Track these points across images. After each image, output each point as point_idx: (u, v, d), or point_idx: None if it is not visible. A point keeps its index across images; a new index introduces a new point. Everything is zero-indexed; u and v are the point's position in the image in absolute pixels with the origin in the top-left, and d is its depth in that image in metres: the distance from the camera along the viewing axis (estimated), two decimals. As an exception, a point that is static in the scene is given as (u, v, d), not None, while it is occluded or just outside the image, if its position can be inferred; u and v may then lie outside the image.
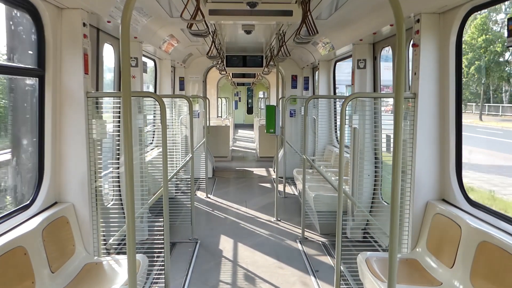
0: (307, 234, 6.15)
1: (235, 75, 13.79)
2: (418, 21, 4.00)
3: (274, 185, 8.44)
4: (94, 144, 4.02)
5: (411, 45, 4.22)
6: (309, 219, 6.51)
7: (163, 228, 3.58)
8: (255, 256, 5.39)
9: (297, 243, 5.88)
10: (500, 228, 3.20)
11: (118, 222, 4.32)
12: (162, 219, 3.57)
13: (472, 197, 3.80)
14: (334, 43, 6.94)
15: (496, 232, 3.13)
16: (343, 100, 3.90)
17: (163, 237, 3.59)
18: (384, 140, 4.95)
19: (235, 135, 21.31)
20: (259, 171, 11.47)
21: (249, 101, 30.46)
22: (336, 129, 8.60)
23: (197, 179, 9.33)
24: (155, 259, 4.68)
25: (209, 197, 8.47)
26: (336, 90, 9.08)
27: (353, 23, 5.66)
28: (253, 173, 11.32)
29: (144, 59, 6.73)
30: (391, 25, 4.72)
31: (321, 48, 7.72)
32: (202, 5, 3.97)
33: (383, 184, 5.68)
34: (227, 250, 5.63)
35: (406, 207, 4.12)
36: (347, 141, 5.95)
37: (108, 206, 4.98)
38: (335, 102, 8.53)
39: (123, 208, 5.17)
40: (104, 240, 4.21)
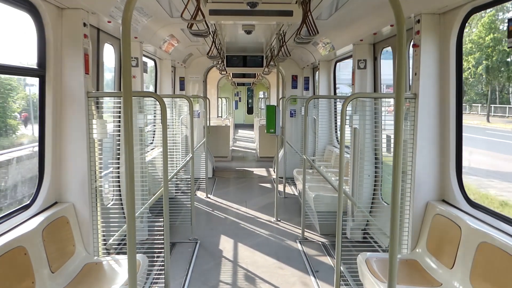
0: (307, 234, 6.15)
1: (235, 75, 13.78)
2: (419, 21, 4.00)
3: (274, 185, 8.45)
4: (94, 144, 4.02)
5: (411, 45, 4.23)
6: (309, 219, 6.51)
7: (163, 228, 3.57)
8: (255, 256, 5.39)
9: (297, 243, 5.88)
10: (500, 229, 3.20)
11: (118, 222, 4.32)
12: (162, 219, 3.56)
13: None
14: (335, 43, 6.94)
15: (496, 233, 3.13)
16: (343, 100, 3.90)
17: (163, 237, 3.59)
18: (385, 141, 4.95)
19: (235, 135, 21.29)
20: (259, 171, 11.47)
21: (249, 101, 30.43)
22: (336, 129, 8.60)
23: (197, 179, 9.33)
24: (155, 259, 4.69)
25: (209, 197, 8.47)
26: (336, 90, 9.09)
27: (353, 23, 5.66)
28: (253, 173, 11.32)
29: (144, 59, 6.73)
30: (391, 26, 4.72)
31: (321, 48, 7.72)
32: (202, 5, 3.98)
33: (383, 185, 5.68)
34: (227, 250, 5.63)
35: (406, 207, 4.12)
36: (347, 141, 5.95)
37: (108, 206, 4.98)
38: (335, 102, 8.53)
39: (123, 208, 5.17)
40: (104, 240, 4.21)
